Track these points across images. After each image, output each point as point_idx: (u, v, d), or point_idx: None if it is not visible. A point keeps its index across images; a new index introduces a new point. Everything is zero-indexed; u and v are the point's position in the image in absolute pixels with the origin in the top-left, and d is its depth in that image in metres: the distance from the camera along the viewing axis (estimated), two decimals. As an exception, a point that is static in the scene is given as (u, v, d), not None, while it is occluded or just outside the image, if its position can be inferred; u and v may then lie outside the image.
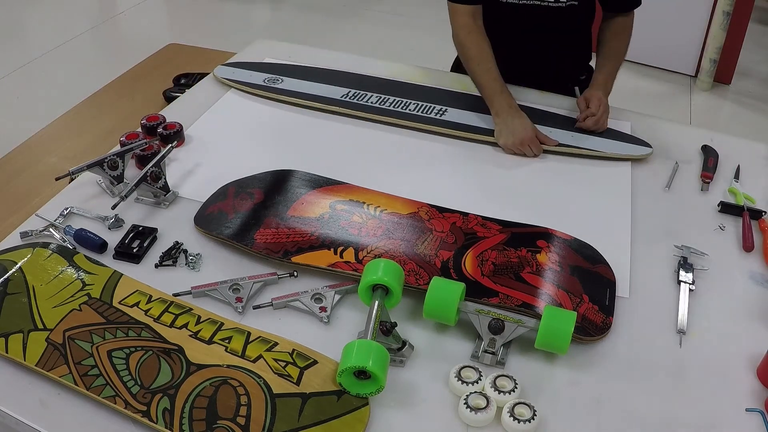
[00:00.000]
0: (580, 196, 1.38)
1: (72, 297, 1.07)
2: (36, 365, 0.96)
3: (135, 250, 1.18)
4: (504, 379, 0.96)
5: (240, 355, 0.99)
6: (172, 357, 0.98)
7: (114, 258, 1.18)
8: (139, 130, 1.50)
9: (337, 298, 1.10)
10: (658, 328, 1.09)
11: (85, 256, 1.16)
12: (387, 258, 1.12)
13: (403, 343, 1.02)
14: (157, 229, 1.23)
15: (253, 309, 1.09)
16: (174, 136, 1.45)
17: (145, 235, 1.21)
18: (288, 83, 1.68)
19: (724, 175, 1.45)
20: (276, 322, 1.07)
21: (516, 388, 0.95)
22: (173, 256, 1.18)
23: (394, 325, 1.00)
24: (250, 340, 1.02)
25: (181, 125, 1.49)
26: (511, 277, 1.13)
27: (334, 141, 1.52)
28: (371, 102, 1.61)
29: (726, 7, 3.16)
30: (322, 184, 1.34)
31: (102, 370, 0.95)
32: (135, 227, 1.23)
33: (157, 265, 1.16)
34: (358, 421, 0.91)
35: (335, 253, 1.16)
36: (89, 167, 1.28)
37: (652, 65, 3.55)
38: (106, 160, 1.28)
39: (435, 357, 1.03)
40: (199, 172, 1.40)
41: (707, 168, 1.44)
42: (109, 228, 1.23)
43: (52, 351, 0.98)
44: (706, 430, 0.94)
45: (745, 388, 1.00)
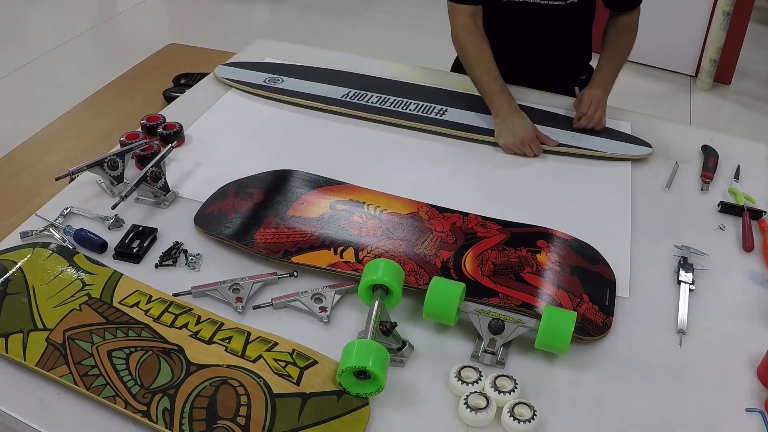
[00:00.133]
0: (580, 196, 1.38)
1: (72, 297, 1.07)
2: (36, 365, 0.96)
3: (135, 250, 1.18)
4: (504, 379, 0.96)
5: (240, 355, 0.99)
6: (172, 357, 0.98)
7: (114, 258, 1.18)
8: (139, 130, 1.50)
9: (337, 298, 1.10)
10: (658, 328, 1.09)
11: (85, 256, 1.16)
12: (387, 258, 1.12)
13: (403, 343, 1.01)
14: (157, 229, 1.23)
15: (253, 309, 1.09)
16: (174, 136, 1.45)
17: (145, 235, 1.21)
18: (288, 83, 1.68)
19: (724, 175, 1.45)
20: (276, 322, 1.07)
21: (516, 388, 0.95)
22: (173, 256, 1.18)
23: (394, 325, 1.00)
24: (250, 340, 1.01)
25: (181, 125, 1.49)
26: (511, 277, 1.13)
27: (334, 141, 1.52)
28: (371, 102, 1.61)
29: (726, 7, 3.16)
30: (322, 184, 1.34)
31: (102, 370, 0.95)
32: (135, 227, 1.23)
33: (157, 265, 1.16)
34: (358, 421, 0.91)
35: (335, 253, 1.16)
36: (89, 167, 1.28)
37: (652, 65, 3.55)
38: (106, 160, 1.28)
39: (435, 357, 1.03)
40: (199, 172, 1.40)
41: (707, 168, 1.44)
42: (109, 228, 1.23)
43: (52, 351, 0.98)
44: (706, 430, 0.94)
45: (745, 388, 1.00)
